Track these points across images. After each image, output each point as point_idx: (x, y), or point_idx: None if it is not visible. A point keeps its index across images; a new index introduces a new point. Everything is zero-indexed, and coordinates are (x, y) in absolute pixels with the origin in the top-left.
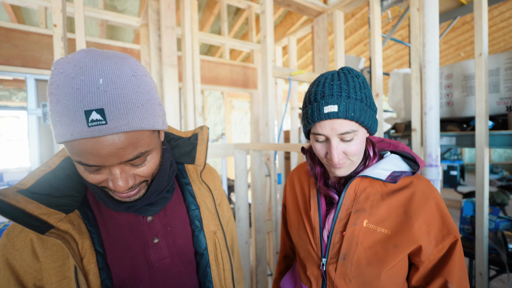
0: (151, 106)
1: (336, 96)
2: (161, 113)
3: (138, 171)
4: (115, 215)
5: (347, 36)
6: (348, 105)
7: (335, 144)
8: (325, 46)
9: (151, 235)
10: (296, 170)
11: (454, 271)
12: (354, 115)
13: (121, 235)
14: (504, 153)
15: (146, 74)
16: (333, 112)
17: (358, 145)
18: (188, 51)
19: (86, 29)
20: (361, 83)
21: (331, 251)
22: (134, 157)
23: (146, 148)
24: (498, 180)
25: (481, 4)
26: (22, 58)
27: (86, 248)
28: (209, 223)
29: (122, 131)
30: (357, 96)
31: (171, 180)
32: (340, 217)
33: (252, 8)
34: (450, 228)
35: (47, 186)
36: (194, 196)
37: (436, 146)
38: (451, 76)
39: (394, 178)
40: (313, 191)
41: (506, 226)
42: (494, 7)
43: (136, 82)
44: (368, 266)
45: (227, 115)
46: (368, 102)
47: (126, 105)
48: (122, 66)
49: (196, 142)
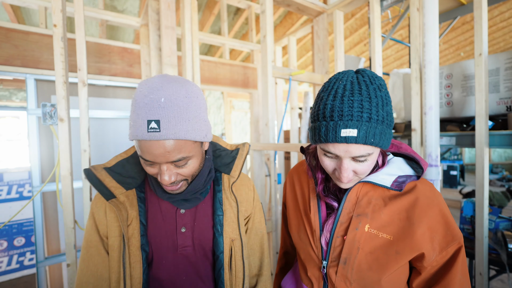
0: (196, 122)
1: (356, 118)
2: (205, 128)
3: (180, 171)
4: (159, 200)
5: (347, 36)
6: (369, 130)
7: (346, 164)
8: (325, 46)
9: (180, 224)
10: (296, 169)
11: (456, 277)
12: (374, 141)
13: (159, 217)
14: (504, 153)
15: (197, 96)
16: (352, 137)
17: (370, 165)
18: (188, 51)
19: (86, 29)
20: (384, 97)
21: (331, 254)
22: (177, 159)
23: (188, 154)
24: (498, 180)
25: (481, 4)
26: (22, 58)
27: (132, 218)
28: (229, 230)
29: (170, 138)
30: (378, 117)
31: (207, 184)
32: (341, 221)
33: (252, 8)
34: (454, 234)
35: (120, 167)
36: (222, 204)
37: (436, 146)
38: (451, 76)
39: (399, 185)
40: (312, 193)
41: (506, 226)
42: (494, 7)
43: (187, 102)
44: (369, 271)
45: (227, 115)
46: (389, 120)
47: (176, 119)
48: (180, 89)
49: (236, 156)
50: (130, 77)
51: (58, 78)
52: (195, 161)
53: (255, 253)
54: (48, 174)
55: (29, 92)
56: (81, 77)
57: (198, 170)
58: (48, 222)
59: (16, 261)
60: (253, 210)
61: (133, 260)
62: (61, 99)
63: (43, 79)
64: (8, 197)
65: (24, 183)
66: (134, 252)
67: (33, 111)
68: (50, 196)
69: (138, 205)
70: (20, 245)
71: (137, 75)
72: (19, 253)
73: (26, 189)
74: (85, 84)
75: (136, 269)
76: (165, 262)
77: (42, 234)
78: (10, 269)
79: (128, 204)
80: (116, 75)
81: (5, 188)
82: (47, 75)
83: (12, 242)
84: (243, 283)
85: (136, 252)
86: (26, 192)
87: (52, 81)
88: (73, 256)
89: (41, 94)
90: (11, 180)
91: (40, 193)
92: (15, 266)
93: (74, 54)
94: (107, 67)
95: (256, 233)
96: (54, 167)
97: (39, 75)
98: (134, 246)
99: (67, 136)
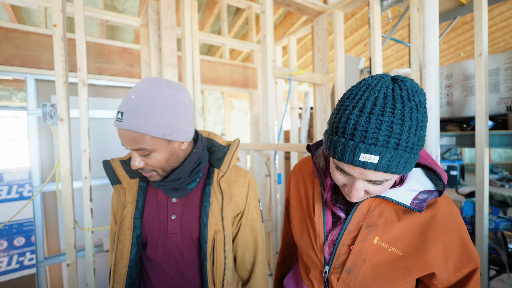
0: (156, 120)
1: (381, 143)
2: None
3: (146, 161)
4: (157, 191)
5: (347, 36)
6: (393, 158)
7: (359, 185)
8: (325, 46)
9: (171, 212)
10: (300, 166)
11: None
12: (397, 170)
13: (154, 205)
14: (504, 153)
15: (165, 98)
16: (371, 163)
17: (386, 188)
18: (188, 51)
19: (86, 29)
20: (420, 119)
21: (335, 261)
22: (137, 148)
23: (147, 146)
24: (498, 180)
25: (481, 4)
26: (22, 58)
27: (128, 202)
28: (214, 222)
29: (127, 129)
30: (408, 144)
31: (193, 177)
32: (349, 229)
33: (252, 8)
34: (471, 256)
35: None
36: (209, 196)
37: (436, 146)
38: (451, 76)
39: (420, 204)
40: (317, 196)
41: (506, 226)
42: (494, 7)
43: (152, 102)
44: (373, 282)
45: (227, 115)
46: (419, 146)
47: (136, 114)
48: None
49: (227, 151)
50: (130, 77)
51: (58, 78)
52: (158, 155)
53: (250, 249)
54: (48, 174)
55: (29, 92)
56: (81, 77)
57: (166, 164)
58: (48, 222)
59: (16, 261)
60: (246, 206)
61: (123, 238)
62: (61, 99)
63: (43, 79)
64: (8, 197)
65: (24, 183)
66: (125, 231)
67: (33, 111)
68: (50, 196)
69: (137, 192)
70: (20, 245)
71: (137, 75)
72: (19, 253)
73: (26, 189)
74: (85, 84)
75: (126, 246)
76: (156, 245)
77: (42, 234)
78: (10, 269)
79: (127, 190)
80: (116, 75)
81: (5, 188)
82: (47, 75)
83: (12, 242)
84: (223, 275)
85: (127, 231)
86: (26, 192)
87: (52, 81)
88: (73, 256)
89: (41, 94)
90: (11, 180)
91: (40, 193)
92: (15, 266)
93: (74, 54)
94: (107, 67)
95: (251, 230)
96: (54, 167)
97: (39, 75)
98: (125, 226)
99: (67, 136)
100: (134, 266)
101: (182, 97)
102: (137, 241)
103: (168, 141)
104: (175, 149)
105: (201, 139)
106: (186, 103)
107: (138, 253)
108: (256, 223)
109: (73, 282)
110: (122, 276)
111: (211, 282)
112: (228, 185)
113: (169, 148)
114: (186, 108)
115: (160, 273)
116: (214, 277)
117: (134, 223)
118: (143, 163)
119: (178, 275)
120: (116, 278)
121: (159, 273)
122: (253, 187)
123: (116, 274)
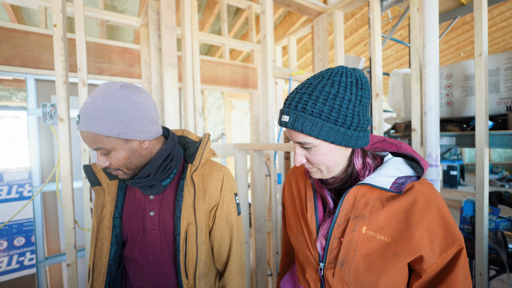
0: (108, 121)
1: (292, 107)
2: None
3: (108, 160)
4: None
5: (347, 36)
6: (297, 118)
7: (297, 149)
8: (325, 46)
9: (149, 208)
10: (294, 170)
11: (458, 279)
12: (303, 129)
13: (133, 204)
14: (504, 153)
15: (117, 99)
16: (285, 122)
17: (322, 157)
18: (188, 51)
19: (86, 29)
20: (334, 94)
21: (328, 256)
22: (96, 148)
23: (104, 146)
24: (498, 180)
25: (481, 4)
26: (22, 58)
27: (107, 202)
28: (186, 215)
29: (83, 130)
30: (314, 110)
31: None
32: (338, 223)
33: (252, 8)
34: (454, 236)
35: None
36: (182, 190)
37: (436, 146)
38: (451, 76)
39: (399, 186)
40: (309, 194)
41: (506, 226)
42: (494, 7)
43: (103, 104)
44: (366, 273)
45: (227, 115)
46: (332, 116)
47: (90, 116)
48: (103, 93)
49: (198, 146)
50: (130, 77)
51: (58, 78)
52: (117, 154)
53: (225, 242)
54: (48, 174)
55: (29, 92)
56: (81, 77)
57: (127, 162)
58: (48, 222)
59: (16, 261)
60: (220, 199)
61: (102, 237)
62: (61, 99)
63: (43, 79)
64: (8, 197)
65: (24, 183)
66: (104, 230)
67: (33, 111)
68: (50, 196)
69: (117, 193)
70: (20, 245)
71: (137, 75)
72: (19, 253)
73: (26, 189)
74: (85, 84)
75: (105, 244)
76: (136, 242)
77: (42, 234)
78: (10, 269)
79: (106, 191)
80: (116, 75)
81: (5, 188)
82: (47, 75)
83: (12, 242)
84: (195, 266)
85: (106, 230)
86: (26, 192)
87: (52, 81)
88: (73, 256)
89: (41, 94)
90: (11, 180)
91: (40, 193)
92: (15, 266)
93: (74, 54)
94: (107, 67)
95: (226, 222)
96: (54, 167)
97: (39, 75)
98: (104, 225)
99: (67, 136)
100: (113, 265)
101: (137, 97)
102: (116, 239)
103: (126, 140)
104: (135, 148)
105: (172, 137)
106: (141, 103)
107: (117, 252)
108: (231, 216)
109: (73, 282)
110: (101, 275)
111: (183, 274)
112: (203, 179)
113: (127, 147)
114: (142, 108)
115: (138, 270)
116: (187, 269)
117: (113, 222)
118: (107, 162)
119: (157, 271)
120: (95, 276)
121: (138, 271)
122: (228, 180)
123: (95, 273)
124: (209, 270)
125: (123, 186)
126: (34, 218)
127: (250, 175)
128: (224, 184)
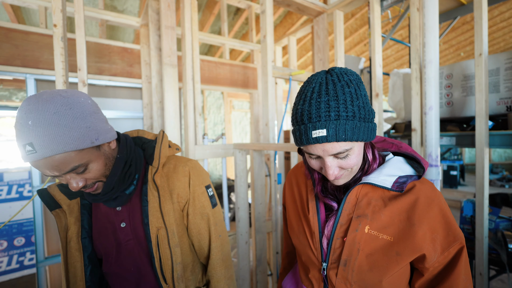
0: (74, 133)
1: (324, 118)
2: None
3: (85, 176)
4: (100, 204)
5: (347, 36)
6: (338, 127)
7: (329, 162)
8: (325, 46)
9: (118, 220)
10: (294, 170)
11: (460, 277)
12: (346, 137)
13: (101, 219)
14: (504, 153)
15: (71, 107)
16: (322, 136)
17: (354, 158)
18: (188, 51)
19: (86, 29)
20: (353, 93)
21: (331, 256)
22: (70, 170)
23: (79, 162)
24: (498, 180)
25: (481, 4)
26: (22, 58)
27: (71, 223)
28: (154, 220)
29: (48, 156)
30: (348, 113)
31: (128, 182)
32: (341, 222)
33: (252, 8)
34: (455, 234)
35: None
36: (146, 195)
37: (436, 146)
38: (451, 76)
39: (400, 185)
40: (311, 194)
41: (506, 226)
42: (494, 7)
43: (57, 118)
44: (370, 272)
45: (227, 115)
46: (362, 114)
47: (48, 137)
48: (47, 107)
49: (155, 145)
50: (130, 77)
51: (58, 78)
52: (96, 164)
53: (204, 236)
54: None
55: (29, 92)
56: (81, 77)
57: (106, 169)
58: (48, 222)
59: (16, 261)
60: (190, 196)
61: (73, 261)
62: None
63: (43, 79)
64: (8, 197)
65: (24, 183)
66: (73, 253)
67: None
68: None
69: (80, 212)
70: (20, 245)
71: (137, 75)
72: (19, 253)
73: (26, 189)
74: (85, 84)
75: (77, 268)
76: (112, 257)
77: (42, 234)
78: (10, 269)
79: (68, 212)
80: (116, 75)
81: (5, 188)
82: (47, 75)
83: (12, 242)
84: (172, 270)
85: (76, 253)
86: (26, 192)
87: (52, 81)
88: None
89: None
90: (11, 180)
91: None
92: (15, 266)
93: (74, 54)
94: (107, 67)
95: (202, 217)
96: None
97: (39, 75)
98: (73, 248)
99: None
100: (93, 286)
101: (83, 99)
102: (90, 260)
103: (97, 147)
104: (107, 152)
105: (125, 141)
106: (90, 104)
107: (95, 272)
108: (205, 209)
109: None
110: None
111: (161, 279)
112: (167, 178)
113: (101, 153)
114: (95, 108)
115: (123, 283)
116: (164, 273)
117: (82, 243)
118: (83, 180)
119: (141, 280)
120: None
121: (122, 284)
122: (196, 175)
123: None
124: (195, 266)
125: (87, 204)
126: (34, 218)
127: (250, 175)
128: (192, 179)
